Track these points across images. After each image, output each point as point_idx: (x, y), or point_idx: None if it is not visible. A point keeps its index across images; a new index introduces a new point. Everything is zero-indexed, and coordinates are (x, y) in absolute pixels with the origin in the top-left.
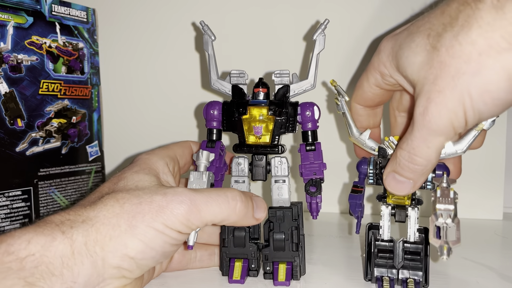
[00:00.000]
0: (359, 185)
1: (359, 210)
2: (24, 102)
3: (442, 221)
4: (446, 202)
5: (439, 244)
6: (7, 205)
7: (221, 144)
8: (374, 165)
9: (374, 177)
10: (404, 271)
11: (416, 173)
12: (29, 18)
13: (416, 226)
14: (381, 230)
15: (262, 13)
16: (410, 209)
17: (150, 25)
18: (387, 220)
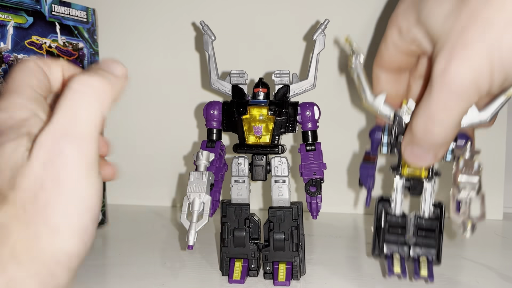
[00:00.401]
0: (371, 153)
1: (371, 180)
2: None
3: (465, 195)
4: (469, 174)
5: (461, 220)
6: None
7: (221, 144)
8: (389, 132)
9: (388, 146)
10: (416, 248)
11: (435, 145)
12: (29, 18)
13: (432, 200)
14: (393, 203)
15: (262, 13)
16: (426, 181)
17: (150, 25)
18: (400, 193)
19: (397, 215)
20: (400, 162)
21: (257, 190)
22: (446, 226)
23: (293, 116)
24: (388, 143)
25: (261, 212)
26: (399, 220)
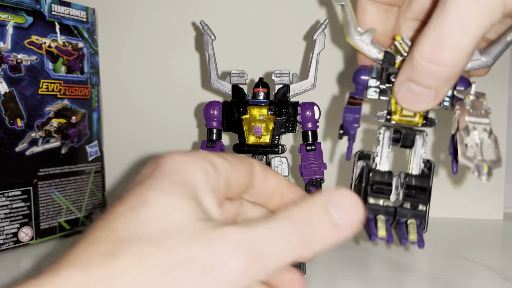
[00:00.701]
0: (357, 96)
1: (356, 126)
2: (23, 102)
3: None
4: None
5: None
6: (6, 205)
7: (221, 144)
8: (378, 73)
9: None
10: (403, 210)
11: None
12: (28, 18)
13: (422, 156)
14: (377, 158)
15: (262, 13)
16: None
17: (150, 25)
18: (387, 146)
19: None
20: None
21: None
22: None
23: (293, 116)
24: (377, 86)
25: None
26: (385, 177)
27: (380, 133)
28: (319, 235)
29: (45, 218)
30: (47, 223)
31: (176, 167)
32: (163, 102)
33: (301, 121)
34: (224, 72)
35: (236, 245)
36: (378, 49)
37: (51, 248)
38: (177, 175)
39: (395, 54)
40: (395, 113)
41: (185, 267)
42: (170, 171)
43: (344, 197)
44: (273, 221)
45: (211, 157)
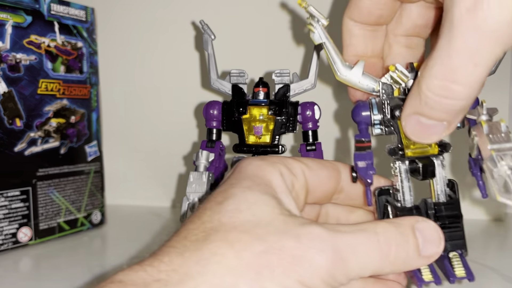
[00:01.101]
0: (364, 139)
1: (372, 173)
2: (22, 101)
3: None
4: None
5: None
6: (5, 205)
7: (221, 144)
8: (379, 107)
9: (382, 124)
10: None
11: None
12: (27, 17)
13: (445, 180)
14: (399, 195)
15: (262, 13)
16: (434, 159)
17: (150, 24)
18: (407, 180)
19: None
20: (402, 141)
21: None
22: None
23: (293, 116)
24: (382, 119)
25: None
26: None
27: (395, 168)
28: (403, 256)
29: (44, 218)
30: (46, 224)
31: (254, 170)
32: (163, 102)
33: (301, 121)
34: (224, 71)
35: (323, 244)
36: (372, 80)
37: (50, 249)
38: (256, 177)
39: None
40: (407, 147)
41: (275, 254)
42: (249, 174)
43: (430, 226)
44: (361, 231)
45: (288, 161)
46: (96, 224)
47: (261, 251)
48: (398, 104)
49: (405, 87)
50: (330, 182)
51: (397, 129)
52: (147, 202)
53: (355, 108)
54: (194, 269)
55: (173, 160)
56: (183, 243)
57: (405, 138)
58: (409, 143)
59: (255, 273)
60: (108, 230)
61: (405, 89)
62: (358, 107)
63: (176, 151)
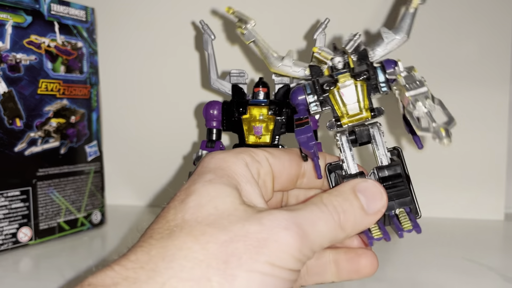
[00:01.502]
0: (301, 116)
1: (313, 143)
2: (22, 101)
3: (421, 107)
4: (416, 86)
5: (432, 130)
6: (5, 205)
7: (220, 144)
8: (312, 88)
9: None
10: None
11: None
12: (28, 17)
13: (385, 144)
14: (345, 164)
15: (262, 12)
16: (370, 127)
17: (150, 24)
18: (349, 149)
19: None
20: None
21: None
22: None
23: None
24: (316, 99)
25: None
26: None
27: (337, 140)
28: (351, 219)
29: (44, 218)
30: (46, 224)
31: (217, 163)
32: (163, 102)
33: None
34: (224, 71)
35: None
36: (303, 66)
37: (50, 249)
38: (219, 169)
39: (320, 65)
40: (342, 117)
41: (241, 241)
42: (212, 167)
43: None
44: (312, 204)
45: (252, 150)
46: (96, 224)
47: (226, 240)
48: (327, 80)
49: (332, 65)
50: (292, 166)
51: (331, 102)
52: (147, 202)
53: (292, 93)
54: (161, 265)
55: (173, 160)
56: (149, 242)
57: (339, 109)
58: (343, 113)
59: (223, 263)
60: (108, 230)
61: (332, 67)
62: (294, 92)
63: (176, 151)
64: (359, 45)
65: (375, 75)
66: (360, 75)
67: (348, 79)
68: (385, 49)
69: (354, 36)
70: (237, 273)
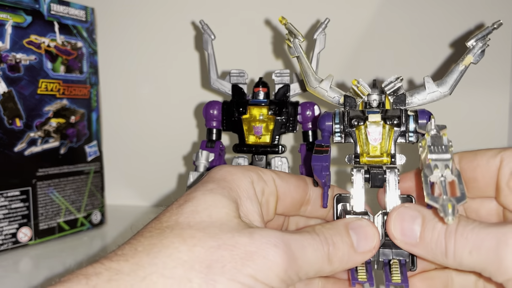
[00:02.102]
0: (323, 144)
1: (326, 173)
2: (22, 101)
3: (438, 174)
4: (440, 151)
5: (440, 203)
6: (5, 205)
7: (220, 144)
8: (340, 118)
9: (341, 133)
10: (385, 250)
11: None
12: (27, 17)
13: (398, 192)
14: (353, 200)
15: (262, 12)
16: (388, 171)
17: (149, 24)
18: (361, 187)
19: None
20: (358, 149)
21: None
22: None
23: (293, 116)
24: (342, 129)
25: None
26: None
27: (352, 175)
28: (340, 254)
29: (44, 218)
30: (46, 224)
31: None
32: (163, 101)
33: (301, 121)
34: (224, 71)
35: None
36: (338, 93)
37: (50, 249)
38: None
39: (355, 97)
40: (362, 155)
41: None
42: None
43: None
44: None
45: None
46: (96, 224)
47: (214, 246)
48: (358, 115)
49: (367, 100)
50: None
51: (355, 137)
52: (147, 202)
53: (321, 117)
54: (145, 260)
55: (173, 160)
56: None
57: (361, 146)
58: (364, 151)
59: (206, 267)
60: (108, 230)
61: (366, 103)
62: (323, 117)
63: (176, 151)
64: (399, 89)
65: (406, 122)
66: (391, 120)
67: (378, 120)
68: (424, 99)
69: (396, 79)
70: (218, 279)
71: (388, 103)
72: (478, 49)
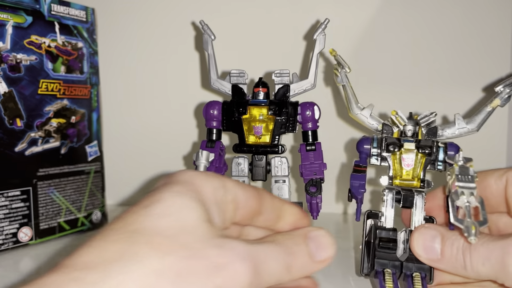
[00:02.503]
0: (361, 164)
1: (363, 191)
2: (23, 102)
3: (464, 200)
4: (466, 180)
5: (465, 225)
6: (6, 205)
7: (220, 144)
8: (378, 142)
9: (378, 156)
10: (409, 264)
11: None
12: (28, 17)
13: (423, 213)
14: (383, 217)
15: (262, 13)
16: (416, 194)
17: (150, 25)
18: (391, 206)
19: (387, 228)
20: (392, 173)
21: None
22: None
23: (293, 116)
24: (378, 153)
25: None
26: (390, 234)
27: (384, 195)
28: (299, 264)
29: (45, 218)
30: (47, 223)
31: (188, 178)
32: (163, 102)
33: (301, 121)
34: (224, 72)
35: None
36: (377, 121)
37: (50, 249)
38: (189, 184)
39: (392, 126)
40: (395, 177)
41: (198, 260)
42: (182, 181)
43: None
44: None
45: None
46: (96, 224)
47: (184, 257)
48: (394, 142)
49: (403, 130)
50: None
51: (390, 162)
52: None
53: (360, 141)
54: (115, 269)
55: (173, 160)
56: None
57: (395, 170)
58: (397, 174)
59: (175, 275)
60: None
61: (402, 132)
62: (362, 140)
63: (176, 151)
64: (432, 122)
65: (436, 152)
66: (423, 149)
67: (412, 148)
68: (453, 133)
69: (430, 113)
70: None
71: (421, 133)
72: (505, 94)
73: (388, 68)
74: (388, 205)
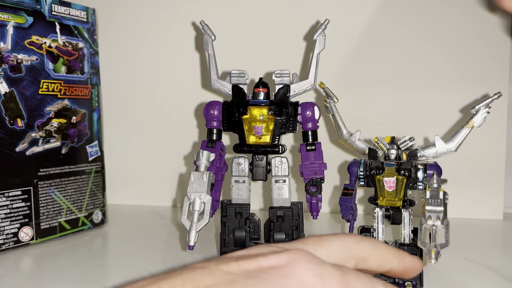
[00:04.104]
0: (349, 187)
1: (350, 213)
2: (24, 102)
3: (430, 224)
4: (435, 204)
5: (427, 248)
6: (7, 205)
7: (221, 144)
8: (364, 167)
9: (365, 179)
10: None
11: None
12: (29, 18)
13: (410, 227)
14: (375, 233)
15: (262, 13)
16: (403, 210)
17: (150, 25)
18: (381, 222)
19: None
20: (377, 194)
21: (257, 190)
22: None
23: (293, 116)
24: (365, 176)
25: (262, 212)
26: None
27: (374, 212)
28: None
29: (46, 218)
30: (48, 223)
31: None
32: (163, 102)
33: (301, 121)
34: (224, 72)
35: None
36: (365, 145)
37: (51, 248)
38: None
39: (377, 150)
40: (379, 198)
41: None
42: None
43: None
44: None
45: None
46: (97, 224)
47: None
48: (377, 166)
49: (387, 153)
50: None
51: (375, 184)
52: (148, 201)
53: (350, 164)
54: None
55: (174, 160)
56: None
57: (380, 191)
58: (381, 195)
59: None
60: (109, 229)
61: (386, 155)
62: (351, 164)
63: (176, 151)
64: (412, 146)
65: (415, 174)
66: (402, 172)
67: (392, 172)
68: (434, 154)
69: (409, 138)
70: None
71: (405, 156)
72: (480, 114)
73: (388, 68)
74: (379, 221)
